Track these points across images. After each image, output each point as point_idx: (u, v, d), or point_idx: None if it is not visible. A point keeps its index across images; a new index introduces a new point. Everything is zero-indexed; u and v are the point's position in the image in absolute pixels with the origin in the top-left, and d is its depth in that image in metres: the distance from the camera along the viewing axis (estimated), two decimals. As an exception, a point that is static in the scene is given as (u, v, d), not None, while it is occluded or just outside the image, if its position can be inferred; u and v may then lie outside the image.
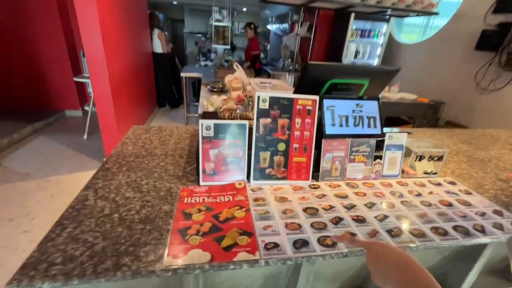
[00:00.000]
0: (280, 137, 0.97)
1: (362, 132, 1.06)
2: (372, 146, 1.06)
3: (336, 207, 0.90)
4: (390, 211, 0.90)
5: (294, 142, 0.99)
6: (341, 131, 1.03)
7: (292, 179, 1.01)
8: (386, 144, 1.08)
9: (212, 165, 0.95)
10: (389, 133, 1.07)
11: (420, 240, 0.77)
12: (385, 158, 1.09)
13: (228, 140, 0.94)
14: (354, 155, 1.06)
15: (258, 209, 0.85)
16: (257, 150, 0.97)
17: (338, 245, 0.72)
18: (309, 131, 0.99)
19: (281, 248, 0.70)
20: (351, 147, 1.04)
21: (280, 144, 0.98)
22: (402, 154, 1.10)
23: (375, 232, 0.79)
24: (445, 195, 1.02)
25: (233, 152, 0.95)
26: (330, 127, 1.02)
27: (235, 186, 0.95)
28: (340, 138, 1.03)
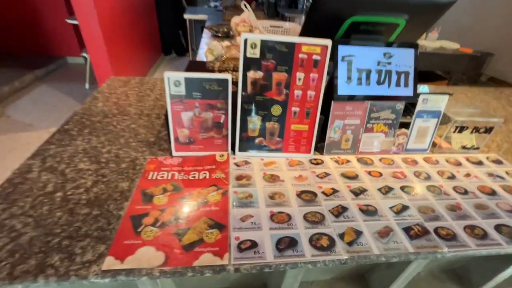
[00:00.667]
0: (274, 98, 0.74)
1: (387, 93, 0.79)
2: (398, 112, 0.81)
3: (340, 191, 0.70)
4: (412, 200, 0.69)
5: (294, 105, 0.75)
6: (359, 91, 0.77)
7: (288, 151, 0.81)
8: (419, 109, 0.82)
9: (186, 131, 0.75)
10: (424, 95, 0.80)
11: (450, 245, 0.58)
12: (414, 128, 0.84)
13: (205, 100, 0.72)
14: (373, 124, 0.81)
15: (239, 192, 0.67)
16: (243, 114, 0.75)
17: (336, 248, 0.55)
18: (314, 90, 0.74)
19: (259, 250, 0.54)
20: (369, 112, 0.79)
21: (275, 107, 0.75)
22: (437, 123, 0.85)
23: (388, 231, 0.60)
24: (487, 179, 0.79)
25: (213, 116, 0.74)
26: (344, 85, 0.76)
27: (216, 158, 0.77)
28: (356, 101, 0.77)
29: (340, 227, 0.60)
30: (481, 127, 0.84)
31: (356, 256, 0.54)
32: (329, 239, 0.57)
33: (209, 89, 0.70)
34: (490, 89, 1.54)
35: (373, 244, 0.56)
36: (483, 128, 0.85)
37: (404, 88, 0.80)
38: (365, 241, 0.57)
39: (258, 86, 0.72)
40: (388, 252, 0.55)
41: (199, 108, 0.72)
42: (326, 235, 0.58)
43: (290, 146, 0.80)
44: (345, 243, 0.56)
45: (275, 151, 0.80)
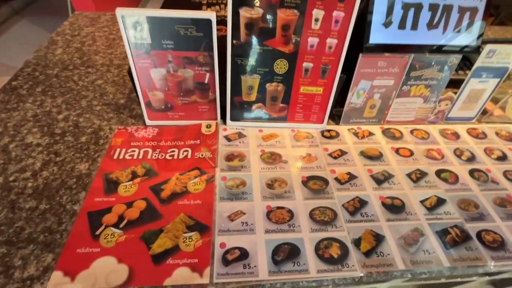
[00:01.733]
0: (279, 49, 0.52)
1: (441, 42, 0.56)
2: (449, 70, 0.59)
3: (359, 177, 0.55)
4: (450, 191, 0.54)
5: (306, 59, 0.54)
6: (400, 38, 0.54)
7: (295, 121, 0.63)
8: (478, 65, 0.59)
9: (160, 94, 0.57)
10: (491, 45, 0.57)
11: (496, 256, 0.45)
12: (465, 91, 0.63)
13: (180, 51, 0.51)
14: (411, 85, 0.61)
15: (228, 178, 0.53)
16: (236, 71, 0.54)
17: (349, 261, 0.43)
18: (337, 37, 0.51)
19: (250, 262, 0.42)
20: (409, 70, 0.58)
21: (279, 63, 0.54)
22: (498, 84, 0.63)
23: (417, 236, 0.47)
24: (548, 161, 0.62)
25: (194, 74, 0.54)
26: (379, 29, 0.53)
27: (201, 130, 0.60)
28: (394, 54, 0.55)
29: (356, 230, 0.47)
30: (558, 91, 0.63)
31: (375, 272, 0.42)
32: (341, 248, 0.44)
33: (184, 35, 0.49)
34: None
35: (398, 255, 0.44)
36: (560, 93, 0.63)
37: (466, 35, 0.56)
38: (387, 250, 0.45)
39: (256, 30, 0.50)
40: (416, 266, 0.43)
41: (173, 64, 0.52)
42: (338, 242, 0.45)
43: (297, 114, 0.62)
44: (362, 252, 0.44)
45: (278, 120, 0.62)
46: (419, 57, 0.56)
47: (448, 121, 0.69)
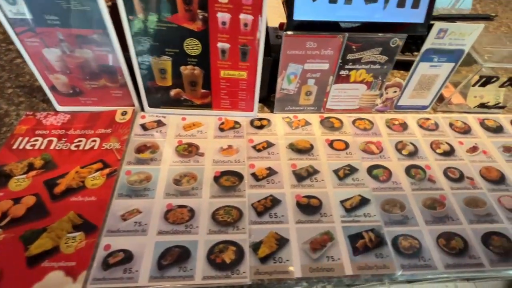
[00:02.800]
0: (185, 26, 0.45)
1: (380, 19, 0.48)
2: (392, 52, 0.51)
3: (279, 173, 0.50)
4: (378, 190, 0.49)
5: (220, 39, 0.47)
6: (331, 14, 0.46)
7: (222, 108, 0.57)
8: (428, 48, 0.51)
9: (63, 78, 0.51)
10: (442, 24, 0.48)
11: (408, 264, 0.41)
12: (413, 77, 0.56)
13: (69, 28, 0.44)
14: (349, 70, 0.53)
15: (133, 171, 0.49)
16: (140, 52, 0.48)
17: (241, 267, 0.39)
18: (251, 12, 0.44)
19: (132, 266, 0.39)
20: (345, 52, 0.50)
21: (189, 42, 0.47)
22: (453, 69, 0.55)
23: (326, 240, 0.43)
24: (500, 156, 0.56)
25: (94, 55, 0.48)
26: (305, 2, 0.45)
27: (115, 118, 0.55)
28: (324, 33, 0.48)
29: (259, 232, 0.43)
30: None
31: (267, 279, 0.39)
32: (236, 252, 0.41)
33: (68, 9, 0.42)
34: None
35: (298, 262, 0.41)
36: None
37: (411, 11, 0.48)
38: (288, 255, 0.41)
39: (153, 3, 0.42)
40: (315, 274, 0.40)
41: (67, 43, 0.46)
42: (235, 245, 0.41)
43: (223, 101, 0.56)
44: (258, 258, 0.41)
45: (202, 108, 0.57)
46: (355, 37, 0.48)
47: (397, 110, 0.62)
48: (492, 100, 0.61)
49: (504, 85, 0.56)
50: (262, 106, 0.61)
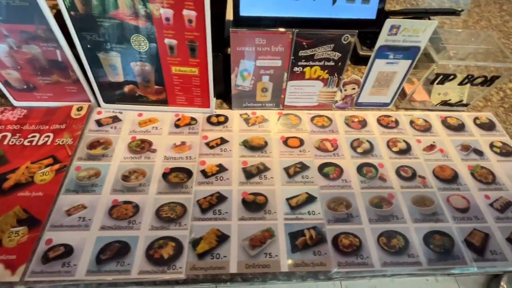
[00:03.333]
0: (128, 21, 0.45)
1: (330, 15, 0.47)
2: (345, 49, 0.50)
3: (229, 170, 0.50)
4: (325, 188, 0.49)
5: (166, 35, 0.46)
6: (278, 10, 0.46)
7: (178, 104, 0.57)
8: (382, 44, 0.50)
9: (15, 73, 0.51)
10: (394, 20, 0.47)
11: (345, 262, 0.41)
12: (371, 74, 0.55)
13: (11, 24, 0.44)
14: (303, 66, 0.53)
15: (83, 167, 0.49)
16: (88, 48, 0.48)
17: (178, 262, 0.40)
18: (193, 8, 0.43)
19: (71, 260, 0.40)
20: (296, 49, 0.50)
21: (136, 38, 0.47)
22: (410, 66, 0.54)
23: (267, 237, 0.43)
24: (457, 155, 0.55)
25: (42, 51, 0.48)
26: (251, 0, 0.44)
27: (70, 113, 0.55)
28: (272, 30, 0.47)
29: (201, 229, 0.44)
30: (479, 76, 0.54)
31: (202, 275, 0.40)
32: (175, 248, 0.42)
33: (8, 4, 0.42)
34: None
35: (235, 258, 0.41)
36: (481, 78, 0.54)
37: (362, 6, 0.47)
38: (226, 252, 0.42)
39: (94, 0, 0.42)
40: (249, 270, 0.41)
41: (13, 39, 0.46)
42: (175, 241, 0.42)
43: (178, 97, 0.56)
44: (196, 254, 0.41)
45: (158, 104, 0.57)
46: (304, 34, 0.47)
47: (358, 107, 0.61)
48: (455, 97, 0.60)
49: (463, 83, 0.55)
50: (221, 102, 0.61)
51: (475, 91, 0.62)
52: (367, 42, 0.66)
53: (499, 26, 0.86)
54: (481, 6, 0.94)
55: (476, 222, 0.47)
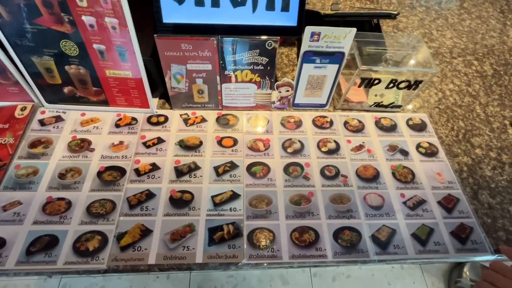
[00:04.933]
0: (55, 28, 0.46)
1: (252, 22, 0.49)
2: (271, 54, 0.52)
3: (162, 169, 0.53)
4: (251, 186, 0.52)
5: (94, 41, 0.48)
6: (199, 16, 0.47)
7: (118, 105, 0.59)
8: (306, 50, 0.52)
9: (-45, 75, 0.54)
10: (313, 28, 0.49)
11: (256, 254, 0.46)
12: (302, 77, 0.57)
13: None
14: (233, 70, 0.55)
15: (23, 165, 0.52)
16: (21, 53, 0.50)
17: (102, 254, 0.44)
18: (114, 15, 0.45)
19: (3, 252, 0.43)
20: (224, 54, 0.52)
21: (65, 44, 0.48)
22: (338, 70, 0.56)
23: (187, 231, 0.47)
24: (382, 155, 0.58)
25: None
26: (172, 6, 0.46)
27: (14, 113, 0.58)
28: (197, 36, 0.49)
29: (127, 224, 0.47)
30: (402, 80, 0.56)
31: (122, 266, 0.44)
32: (101, 241, 0.45)
33: None
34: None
35: (155, 250, 0.45)
36: (405, 83, 0.56)
37: (282, 14, 0.49)
38: (147, 245, 0.46)
39: (16, 7, 0.44)
40: (167, 261, 0.45)
41: None
42: (101, 235, 0.46)
43: (117, 98, 0.58)
44: (120, 247, 0.45)
45: (99, 104, 0.59)
46: (228, 40, 0.49)
47: (296, 108, 0.64)
48: (389, 99, 0.63)
49: (389, 87, 0.57)
50: (164, 102, 0.63)
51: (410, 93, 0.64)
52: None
53: (454, 25, 0.87)
54: (441, 3, 0.94)
55: (387, 218, 0.51)
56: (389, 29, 0.83)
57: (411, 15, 0.88)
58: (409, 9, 0.91)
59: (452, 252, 0.48)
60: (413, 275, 1.39)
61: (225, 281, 1.33)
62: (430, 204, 0.53)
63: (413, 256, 0.48)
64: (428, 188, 0.55)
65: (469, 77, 0.74)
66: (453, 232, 0.50)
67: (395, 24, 0.85)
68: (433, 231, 0.50)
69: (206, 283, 1.33)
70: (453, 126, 0.64)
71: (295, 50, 0.75)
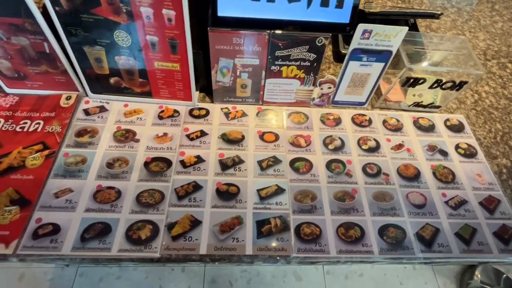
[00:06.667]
0: (111, 18, 0.47)
1: (305, 18, 0.49)
2: (320, 51, 0.53)
3: (206, 161, 0.54)
4: (295, 181, 0.53)
5: (148, 32, 0.49)
6: (254, 11, 0.48)
7: (162, 97, 0.60)
8: (355, 47, 0.52)
9: (6, 63, 0.54)
10: (366, 25, 0.49)
11: (303, 248, 0.47)
12: (346, 75, 0.58)
13: (2, 17, 0.46)
14: (280, 66, 0.55)
15: (71, 154, 0.53)
16: (74, 42, 0.50)
17: (154, 243, 0.45)
18: (172, 7, 0.45)
19: (58, 237, 0.45)
20: (273, 49, 0.52)
21: (119, 34, 0.49)
22: (383, 68, 0.57)
23: (235, 223, 0.48)
24: (422, 155, 0.59)
25: (30, 43, 0.50)
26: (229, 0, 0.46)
27: (60, 102, 0.59)
28: (249, 30, 0.49)
29: (176, 214, 0.48)
30: (447, 81, 0.56)
31: (175, 255, 0.45)
32: (152, 230, 0.46)
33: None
34: None
35: (205, 241, 0.46)
36: (450, 83, 0.57)
37: (336, 10, 0.49)
38: (197, 235, 0.46)
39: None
40: (217, 252, 0.45)
41: (2, 30, 0.48)
42: (152, 224, 0.47)
43: (162, 90, 0.58)
44: (171, 236, 0.46)
45: (143, 96, 0.60)
46: (280, 36, 0.49)
47: (335, 105, 0.64)
48: (428, 99, 0.63)
49: (432, 87, 0.57)
50: (204, 96, 0.64)
51: (449, 94, 0.64)
52: (350, 41, 0.67)
53: (487, 27, 0.87)
54: (472, 5, 0.94)
55: (430, 217, 0.52)
56: (421, 30, 0.83)
57: (443, 16, 0.88)
58: (441, 10, 0.91)
59: (495, 252, 0.49)
60: (424, 275, 1.40)
61: (239, 275, 1.34)
62: (472, 205, 0.54)
63: (457, 255, 0.48)
64: (469, 188, 0.55)
65: (504, 80, 0.74)
66: (495, 233, 0.51)
67: (427, 25, 0.85)
68: (476, 231, 0.51)
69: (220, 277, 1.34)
70: (491, 128, 0.64)
71: (330, 48, 0.75)
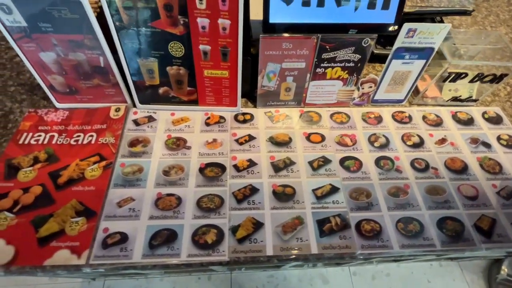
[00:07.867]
0: (168, 30, 0.49)
1: (352, 20, 0.51)
2: (365, 51, 0.54)
3: (259, 164, 0.55)
4: (347, 179, 0.54)
5: (201, 42, 0.50)
6: (304, 17, 0.49)
7: (207, 104, 0.61)
8: (399, 46, 0.54)
9: (59, 78, 0.55)
10: (411, 24, 0.51)
11: (367, 245, 0.47)
12: (387, 74, 0.59)
13: (62, 34, 0.48)
14: (325, 68, 0.57)
15: (127, 164, 0.54)
16: (129, 54, 0.52)
17: (221, 246, 0.46)
18: (229, 16, 0.47)
19: (127, 246, 0.45)
20: (320, 52, 0.53)
21: (173, 45, 0.51)
22: (424, 66, 0.58)
23: (297, 224, 0.49)
24: (466, 148, 0.60)
25: (87, 58, 0.52)
26: (280, 6, 0.48)
27: (109, 114, 0.60)
28: (299, 35, 0.51)
29: (238, 217, 0.49)
30: (488, 74, 0.58)
31: (243, 257, 0.45)
32: (217, 234, 0.47)
33: (60, 17, 0.46)
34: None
35: (270, 242, 0.47)
36: (490, 76, 0.58)
37: (382, 12, 0.50)
38: (262, 237, 0.47)
39: (139, 11, 0.46)
40: (284, 252, 0.46)
41: (61, 47, 0.50)
42: (216, 228, 0.48)
43: (208, 97, 0.60)
44: (236, 239, 0.47)
45: (189, 104, 0.61)
46: (328, 38, 0.51)
47: (374, 104, 0.66)
48: (465, 93, 0.64)
49: (473, 81, 0.59)
50: (246, 101, 0.65)
51: (484, 87, 0.65)
52: (381, 41, 0.69)
53: (506, 21, 0.89)
54: (489, 1, 0.96)
55: (484, 208, 0.52)
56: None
57: (463, 13, 0.90)
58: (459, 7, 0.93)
59: (554, 239, 0.49)
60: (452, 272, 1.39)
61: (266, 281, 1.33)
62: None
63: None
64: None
65: (532, 71, 0.75)
66: (551, 221, 0.51)
67: (449, 21, 0.87)
68: (531, 219, 0.51)
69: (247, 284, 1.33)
70: (528, 119, 0.66)
71: (359, 49, 0.76)
